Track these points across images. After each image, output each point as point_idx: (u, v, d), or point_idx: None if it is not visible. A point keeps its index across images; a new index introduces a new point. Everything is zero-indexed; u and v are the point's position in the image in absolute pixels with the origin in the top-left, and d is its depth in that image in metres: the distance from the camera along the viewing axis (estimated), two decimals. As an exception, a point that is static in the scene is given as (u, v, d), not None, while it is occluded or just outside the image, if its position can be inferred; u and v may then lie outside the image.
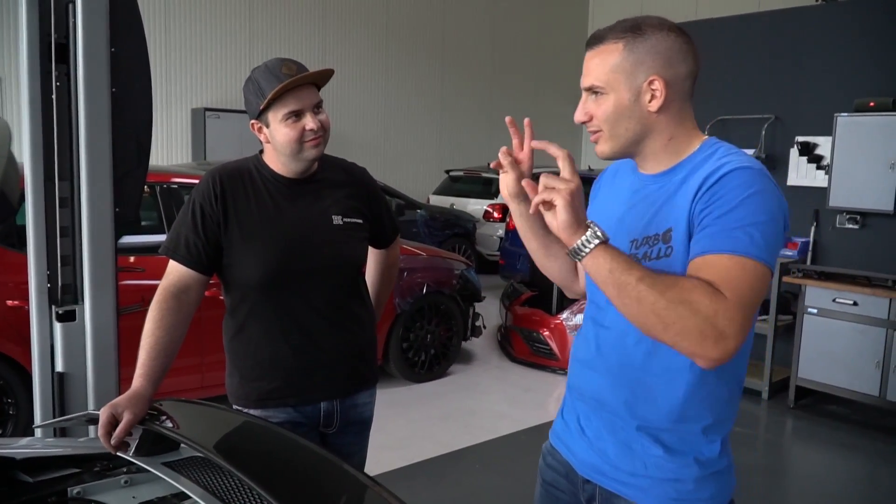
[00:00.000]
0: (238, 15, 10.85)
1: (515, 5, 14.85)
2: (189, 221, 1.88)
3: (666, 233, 1.33)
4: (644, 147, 1.40)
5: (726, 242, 1.21)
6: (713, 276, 1.19)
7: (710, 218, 1.24)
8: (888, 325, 4.45)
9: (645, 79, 1.33)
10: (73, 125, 2.13)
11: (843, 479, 4.19)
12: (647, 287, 1.18)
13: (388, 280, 2.30)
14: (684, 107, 1.39)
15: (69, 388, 2.18)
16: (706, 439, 1.39)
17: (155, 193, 4.25)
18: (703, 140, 1.41)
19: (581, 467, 1.51)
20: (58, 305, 2.16)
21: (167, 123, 10.24)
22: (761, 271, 1.21)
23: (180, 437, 1.54)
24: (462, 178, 10.79)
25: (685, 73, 1.36)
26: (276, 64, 1.84)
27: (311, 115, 1.86)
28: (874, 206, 4.80)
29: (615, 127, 1.37)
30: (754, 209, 1.23)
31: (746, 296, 1.19)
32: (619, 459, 1.43)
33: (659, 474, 1.39)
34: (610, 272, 1.22)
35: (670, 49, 1.34)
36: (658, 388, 1.38)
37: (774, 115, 5.48)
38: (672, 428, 1.38)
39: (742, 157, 1.31)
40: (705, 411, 1.38)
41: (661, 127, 1.37)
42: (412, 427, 4.48)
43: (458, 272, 5.60)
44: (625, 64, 1.33)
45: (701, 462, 1.39)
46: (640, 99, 1.34)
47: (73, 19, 2.09)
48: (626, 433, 1.42)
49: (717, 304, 1.16)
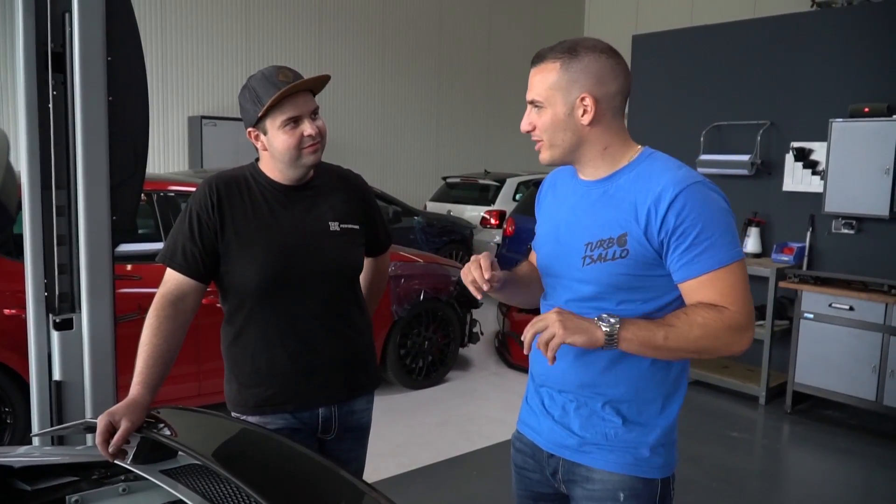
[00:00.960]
0: (234, 23, 10.87)
1: (511, 13, 14.91)
2: (186, 230, 1.88)
3: (621, 237, 1.50)
4: (581, 155, 1.57)
5: (709, 262, 1.44)
6: (713, 296, 1.44)
7: (684, 243, 1.44)
8: (884, 329, 4.46)
9: (578, 95, 1.50)
10: (70, 134, 2.13)
11: (840, 483, 4.19)
12: (673, 341, 1.42)
13: (377, 290, 2.30)
14: (615, 120, 1.55)
15: (67, 397, 2.18)
16: (662, 412, 1.58)
17: (152, 201, 4.25)
18: (638, 150, 1.57)
19: (546, 444, 1.66)
20: (55, 314, 2.16)
21: (164, 131, 10.25)
22: (741, 265, 1.47)
23: (178, 444, 1.53)
24: (459, 185, 10.80)
25: (615, 90, 1.52)
26: (273, 72, 1.85)
27: (309, 121, 1.87)
28: (869, 211, 4.82)
29: (553, 137, 1.55)
30: (715, 221, 1.45)
31: (742, 291, 1.46)
32: (583, 432, 1.59)
33: (619, 443, 1.56)
34: (640, 346, 1.43)
35: (601, 69, 1.50)
36: (614, 369, 1.55)
37: (769, 121, 5.50)
38: (632, 401, 1.56)
39: (683, 172, 1.48)
40: (659, 386, 1.57)
41: (595, 138, 1.54)
42: (410, 434, 4.48)
43: (456, 279, 5.60)
44: (561, 82, 1.51)
45: (656, 433, 1.57)
46: (574, 113, 1.51)
47: (70, 28, 2.09)
48: (589, 409, 1.59)
49: (725, 317, 1.43)
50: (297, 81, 1.84)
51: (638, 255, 1.48)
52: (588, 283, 1.54)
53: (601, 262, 1.51)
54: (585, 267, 1.53)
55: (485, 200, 10.15)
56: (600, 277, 1.52)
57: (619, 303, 1.52)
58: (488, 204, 10.02)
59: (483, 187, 10.39)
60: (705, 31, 5.99)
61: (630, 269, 1.49)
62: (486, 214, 9.83)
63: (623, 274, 1.50)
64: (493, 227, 9.67)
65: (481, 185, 10.44)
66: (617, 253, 1.49)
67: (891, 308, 4.42)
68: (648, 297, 1.52)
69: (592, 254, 1.52)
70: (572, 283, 1.58)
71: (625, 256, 1.49)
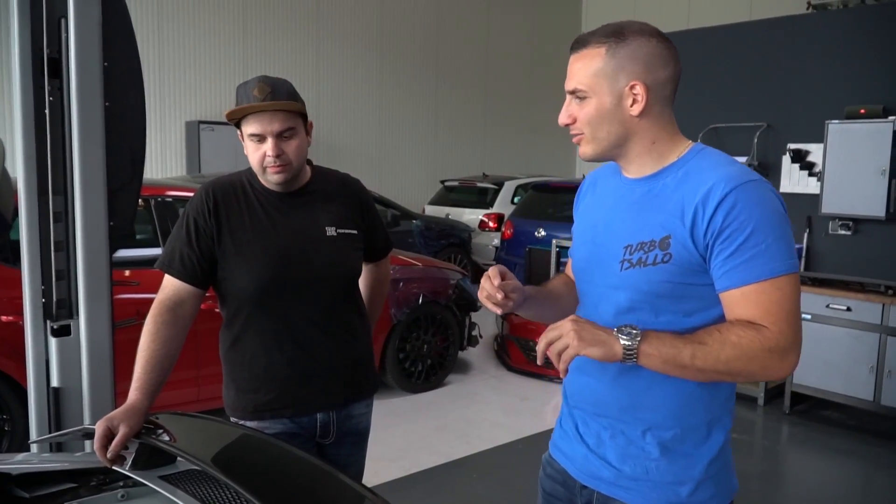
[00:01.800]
0: (232, 28, 10.88)
1: (508, 15, 14.92)
2: (183, 236, 1.88)
3: (663, 240, 1.34)
4: (627, 150, 1.42)
5: (757, 270, 1.27)
6: (755, 311, 1.27)
7: (731, 246, 1.28)
8: (882, 330, 4.47)
9: (626, 83, 1.35)
10: (67, 139, 2.13)
11: (839, 484, 4.19)
12: (701, 360, 1.26)
13: (379, 296, 2.30)
14: (665, 111, 1.41)
15: (65, 403, 2.17)
16: (708, 440, 1.41)
17: (149, 207, 4.25)
18: (688, 145, 1.43)
19: (579, 474, 1.51)
20: (52, 320, 2.15)
21: (161, 136, 10.24)
22: (794, 279, 1.29)
23: (177, 450, 1.53)
24: (457, 188, 10.81)
25: (666, 77, 1.38)
26: (253, 83, 1.84)
27: (273, 140, 1.83)
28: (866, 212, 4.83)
29: (597, 130, 1.40)
30: (770, 225, 1.28)
31: (790, 310, 1.28)
32: (620, 464, 1.43)
33: (659, 478, 1.40)
34: (664, 363, 1.28)
35: (651, 54, 1.36)
36: (657, 390, 1.39)
37: (766, 123, 5.51)
38: (674, 428, 1.40)
39: (736, 169, 1.33)
40: (705, 411, 1.40)
41: (643, 131, 1.39)
42: (409, 437, 4.47)
43: (454, 282, 5.60)
44: (607, 68, 1.36)
45: (701, 464, 1.40)
46: (622, 103, 1.37)
47: (66, 34, 2.09)
48: (626, 438, 1.43)
49: (765, 337, 1.26)
50: (265, 101, 1.80)
51: (682, 259, 1.33)
52: (625, 289, 1.39)
53: (640, 267, 1.36)
54: (623, 272, 1.39)
55: (483, 204, 10.16)
56: (639, 284, 1.37)
57: (658, 313, 1.37)
58: (487, 207, 10.03)
59: (481, 190, 10.40)
60: (702, 34, 6.00)
61: (672, 276, 1.34)
62: (484, 218, 9.84)
63: (664, 281, 1.35)
64: (491, 231, 9.67)
65: (479, 188, 10.45)
66: (658, 257, 1.35)
67: (888, 308, 4.43)
68: (692, 308, 1.37)
69: (631, 258, 1.38)
70: (608, 290, 1.43)
71: (667, 261, 1.34)
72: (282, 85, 1.85)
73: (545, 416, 4.97)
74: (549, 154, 15.92)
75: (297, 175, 1.92)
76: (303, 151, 1.90)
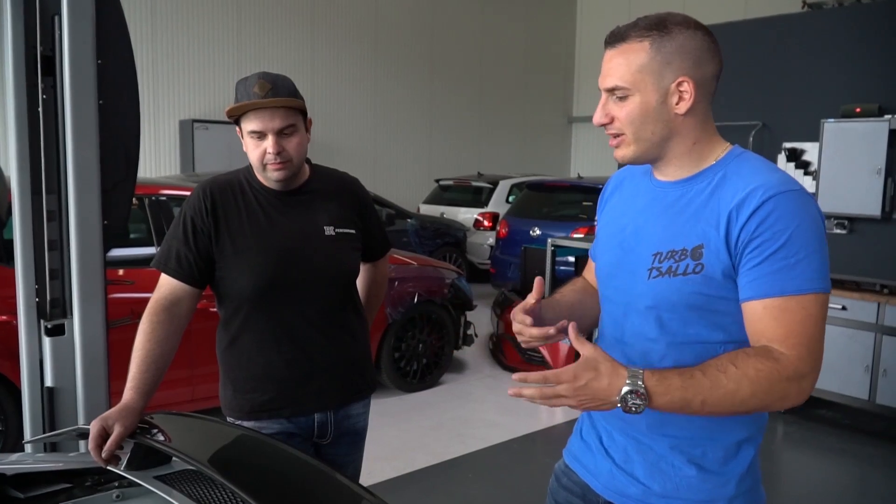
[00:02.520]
0: (226, 26, 10.85)
1: (503, 16, 14.93)
2: (180, 235, 1.87)
3: (696, 249, 1.27)
4: (667, 151, 1.33)
5: (784, 283, 1.19)
6: (777, 330, 1.20)
7: (761, 255, 1.21)
8: (877, 329, 4.48)
9: (673, 79, 1.27)
10: (60, 138, 2.12)
11: (835, 483, 4.20)
12: (713, 406, 1.18)
13: (377, 296, 2.29)
14: (708, 109, 1.34)
15: (59, 403, 2.16)
16: (738, 455, 1.35)
17: (143, 205, 4.23)
18: (727, 147, 1.35)
19: (604, 490, 1.45)
20: (46, 320, 2.14)
21: (155, 135, 10.21)
22: (822, 300, 1.21)
23: (172, 450, 1.52)
24: (452, 187, 10.81)
25: (712, 73, 1.30)
26: (254, 80, 1.82)
27: (274, 138, 1.82)
28: (861, 210, 4.83)
29: (641, 130, 1.30)
30: (805, 239, 1.20)
31: (812, 335, 1.20)
32: (649, 481, 1.37)
33: (691, 495, 1.34)
34: (671, 407, 1.19)
35: (699, 48, 1.28)
36: None
37: (762, 122, 5.51)
38: (704, 445, 1.34)
39: (779, 176, 1.26)
40: (736, 425, 1.34)
41: (687, 130, 1.31)
42: (404, 437, 4.46)
43: (450, 281, 5.60)
44: (652, 64, 1.26)
45: (733, 480, 1.35)
46: (668, 101, 1.28)
47: (59, 31, 2.08)
48: (655, 454, 1.37)
49: (782, 367, 1.17)
50: (266, 98, 1.79)
51: (714, 271, 1.25)
52: (651, 298, 1.32)
53: (670, 277, 1.29)
54: (651, 280, 1.31)
55: (478, 203, 10.17)
56: (667, 294, 1.29)
57: (687, 325, 1.30)
58: (481, 206, 10.03)
59: (476, 189, 10.40)
60: (697, 33, 5.98)
61: (703, 288, 1.26)
62: (479, 217, 9.84)
63: (695, 293, 1.27)
64: (486, 230, 9.68)
65: (474, 187, 10.45)
66: (690, 267, 1.27)
67: (883, 307, 4.44)
68: (723, 322, 1.29)
69: (661, 266, 1.30)
70: (634, 298, 1.36)
71: (699, 272, 1.26)
72: (282, 81, 1.84)
73: (540, 415, 4.97)
74: (544, 153, 15.94)
75: (296, 173, 1.91)
76: (303, 148, 1.89)
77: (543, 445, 4.44)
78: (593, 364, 1.18)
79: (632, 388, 1.16)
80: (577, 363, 1.20)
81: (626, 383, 1.16)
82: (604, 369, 1.17)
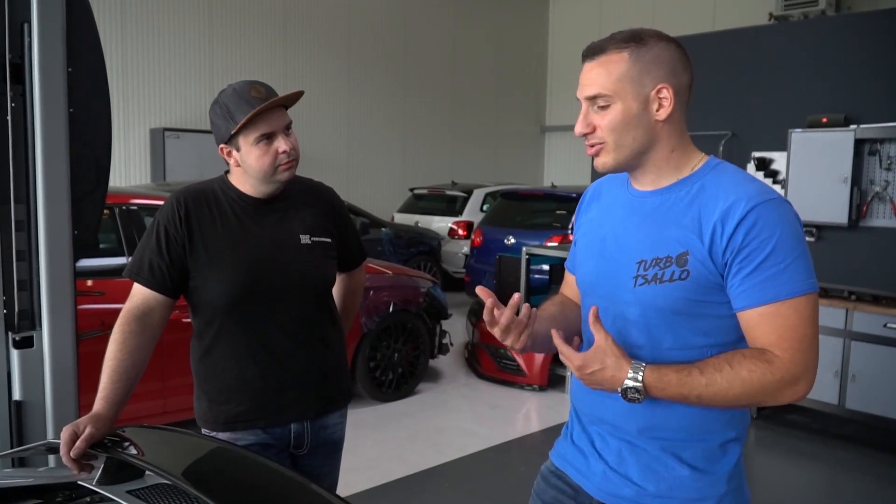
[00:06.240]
0: (198, 34, 10.77)
1: (476, 28, 15.01)
2: (153, 244, 1.85)
3: (680, 256, 1.32)
4: (648, 158, 1.38)
5: (776, 290, 1.26)
6: (771, 336, 1.27)
7: (751, 264, 1.26)
8: (845, 334, 4.56)
9: (653, 87, 1.33)
10: (30, 146, 2.08)
11: (805, 487, 4.26)
12: (710, 397, 1.28)
13: (352, 306, 2.28)
14: (683, 118, 1.40)
15: (27, 417, 2.12)
16: (726, 455, 1.40)
17: (114, 215, 4.17)
18: (703, 158, 1.41)
19: (597, 492, 1.47)
20: (14, 332, 2.10)
21: (126, 144, 10.08)
22: (812, 300, 1.28)
23: (145, 463, 1.50)
24: (426, 196, 10.81)
25: (686, 82, 1.38)
26: (244, 87, 1.81)
27: (283, 137, 1.84)
28: (829, 219, 4.92)
29: (622, 137, 1.35)
30: (790, 244, 1.26)
31: (804, 335, 1.27)
32: (644, 482, 1.41)
33: (684, 494, 1.39)
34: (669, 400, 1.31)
35: (673, 58, 1.35)
36: (678, 410, 1.37)
37: (731, 132, 5.60)
38: (694, 446, 1.39)
39: (757, 186, 1.31)
40: (723, 426, 1.40)
41: (666, 137, 1.37)
42: (380, 447, 4.44)
43: (425, 290, 5.59)
44: (632, 72, 1.33)
45: (723, 479, 1.40)
46: (649, 108, 1.34)
47: (29, 38, 2.05)
48: (649, 455, 1.41)
49: (776, 368, 1.25)
50: (271, 99, 1.80)
51: (700, 277, 1.30)
52: (638, 305, 1.36)
53: (656, 284, 1.33)
54: (637, 288, 1.35)
55: (452, 211, 10.18)
56: (654, 300, 1.34)
57: (673, 330, 1.35)
58: (456, 215, 10.05)
59: (450, 198, 10.41)
60: (667, 44, 6.06)
61: (689, 293, 1.31)
62: (453, 225, 9.85)
63: (681, 298, 1.32)
64: (461, 238, 9.69)
65: (449, 196, 10.46)
66: (676, 274, 1.31)
67: (851, 314, 4.52)
68: (708, 326, 1.34)
69: (646, 273, 1.34)
70: (619, 305, 1.40)
71: (685, 278, 1.31)
72: (266, 84, 1.86)
73: (516, 423, 4.97)
74: (518, 162, 16.02)
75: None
76: (298, 145, 1.91)
77: (520, 454, 4.44)
78: (601, 357, 1.31)
79: (632, 385, 1.29)
80: (587, 353, 1.33)
81: (627, 377, 1.29)
82: (609, 363, 1.30)
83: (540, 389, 5.62)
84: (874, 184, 4.69)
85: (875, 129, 4.60)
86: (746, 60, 5.55)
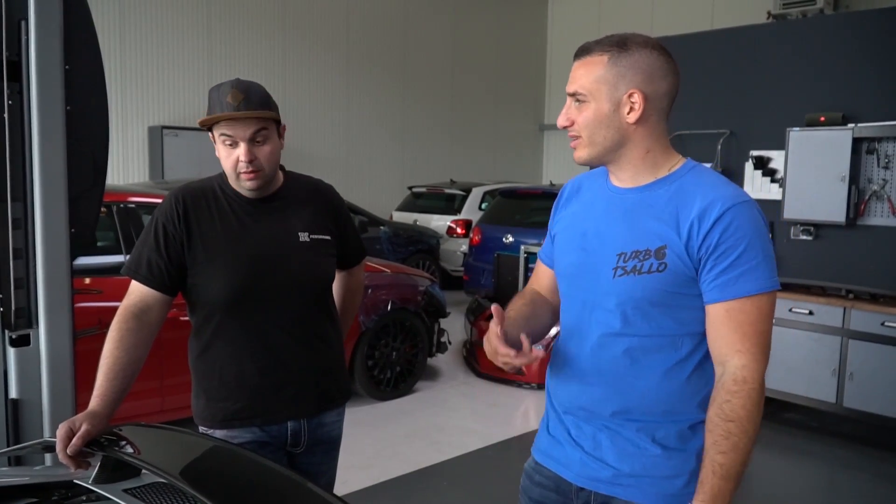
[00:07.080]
0: (196, 31, 10.75)
1: (475, 25, 15.00)
2: (151, 242, 1.85)
3: (659, 250, 1.41)
4: (621, 156, 1.47)
5: (745, 286, 1.36)
6: (734, 335, 1.36)
7: (725, 261, 1.36)
8: (843, 333, 4.56)
9: (625, 91, 1.41)
10: (27, 144, 2.08)
11: (803, 485, 4.26)
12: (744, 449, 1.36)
13: (352, 304, 2.27)
14: (660, 123, 1.47)
15: (24, 415, 2.11)
16: (696, 434, 1.45)
17: (111, 213, 4.17)
18: (680, 160, 1.49)
19: (576, 478, 1.53)
20: (11, 330, 2.09)
21: (124, 142, 10.07)
22: (773, 297, 1.39)
23: (141, 462, 1.50)
24: (425, 195, 10.81)
25: (664, 90, 1.44)
26: (227, 89, 1.80)
27: (246, 146, 1.81)
28: (827, 217, 4.92)
29: (594, 134, 1.45)
30: (760, 244, 1.37)
31: (762, 331, 1.37)
32: (619, 464, 1.47)
33: (658, 472, 1.45)
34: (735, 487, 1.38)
35: (652, 66, 1.43)
36: (647, 389, 1.45)
37: (729, 130, 5.60)
38: (667, 426, 1.46)
39: (732, 189, 1.42)
40: (695, 408, 1.46)
41: (638, 139, 1.45)
42: (378, 445, 4.44)
43: (423, 288, 5.59)
44: (608, 75, 1.42)
45: (693, 457, 1.45)
46: (619, 110, 1.42)
47: (26, 36, 2.04)
48: (623, 438, 1.48)
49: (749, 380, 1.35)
50: (239, 110, 1.77)
51: (677, 270, 1.39)
52: (616, 295, 1.44)
53: (634, 275, 1.41)
54: (616, 279, 1.43)
55: (451, 210, 10.18)
56: (632, 291, 1.42)
57: (649, 320, 1.43)
58: (454, 213, 10.05)
59: (449, 197, 10.41)
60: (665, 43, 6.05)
61: (666, 285, 1.40)
62: (452, 224, 9.85)
63: (658, 289, 1.41)
64: (459, 237, 9.69)
65: (447, 194, 10.46)
66: (654, 266, 1.40)
67: (849, 312, 4.53)
68: (684, 317, 1.43)
69: (626, 265, 1.43)
70: (599, 296, 1.47)
71: (662, 270, 1.40)
72: (255, 91, 1.82)
73: (514, 421, 4.98)
74: (516, 160, 16.02)
75: (269, 181, 1.90)
76: (275, 157, 1.88)
77: (519, 452, 4.44)
78: None
79: None
80: None
81: None
82: None
83: (538, 387, 5.62)
84: (872, 182, 4.69)
85: (873, 127, 4.61)
86: (745, 59, 5.55)
